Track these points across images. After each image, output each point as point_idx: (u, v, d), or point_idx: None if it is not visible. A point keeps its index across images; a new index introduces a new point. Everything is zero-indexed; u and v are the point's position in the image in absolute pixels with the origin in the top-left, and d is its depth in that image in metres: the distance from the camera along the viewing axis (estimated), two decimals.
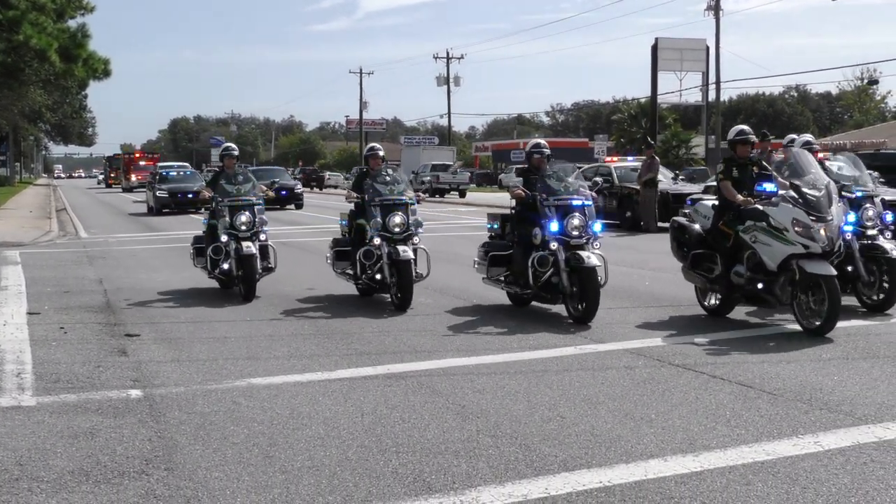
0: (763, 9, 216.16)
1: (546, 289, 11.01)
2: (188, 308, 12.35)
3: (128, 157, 78.02)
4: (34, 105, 71.26)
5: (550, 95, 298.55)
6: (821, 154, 12.88)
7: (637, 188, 25.86)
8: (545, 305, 11.63)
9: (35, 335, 10.32)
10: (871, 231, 11.57)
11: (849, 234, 10.93)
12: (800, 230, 9.80)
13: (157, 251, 21.11)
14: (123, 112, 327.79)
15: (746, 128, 11.36)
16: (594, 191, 11.72)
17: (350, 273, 12.83)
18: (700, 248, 11.18)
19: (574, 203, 11.03)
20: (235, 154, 14.16)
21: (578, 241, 10.86)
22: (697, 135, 65.45)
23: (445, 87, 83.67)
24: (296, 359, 9.06)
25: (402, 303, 11.77)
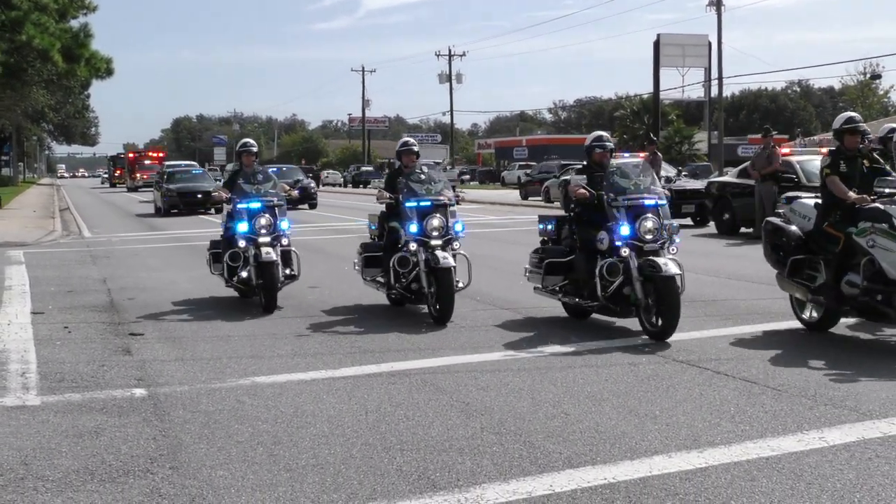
0: (765, 4, 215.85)
1: (615, 300, 9.79)
2: (192, 307, 12.36)
3: (132, 156, 77.42)
4: (37, 105, 71.31)
5: (553, 92, 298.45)
6: None
7: None
8: (610, 318, 10.38)
9: (39, 335, 10.33)
10: None
11: None
12: None
13: (161, 250, 21.13)
14: (126, 111, 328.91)
15: (856, 115, 10.03)
16: (667, 188, 10.40)
17: (381, 281, 11.71)
18: (800, 254, 9.79)
19: (647, 203, 9.86)
20: (254, 150, 12.89)
21: (653, 247, 9.67)
22: (700, 131, 65.45)
23: (448, 85, 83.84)
24: (300, 357, 9.07)
25: (442, 315, 10.57)
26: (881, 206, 8.94)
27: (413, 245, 10.78)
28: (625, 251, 9.60)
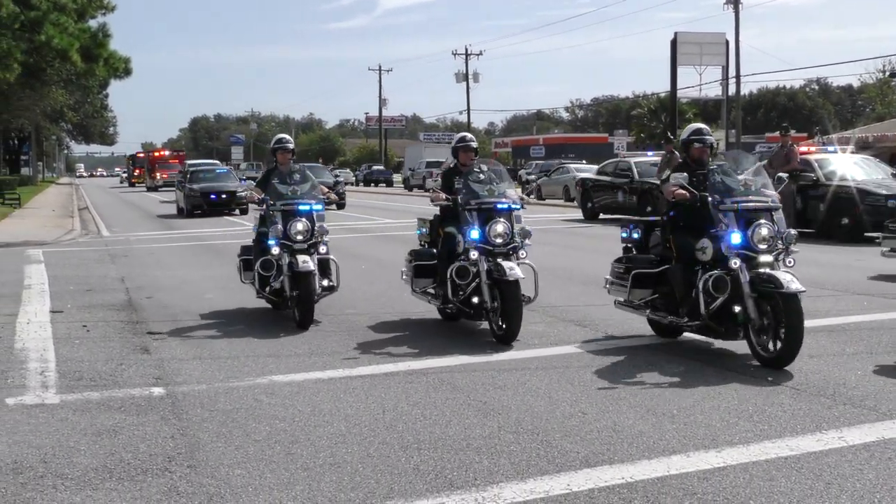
0: (783, 1, 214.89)
1: (719, 319, 8.46)
2: (210, 306, 12.38)
3: (153, 155, 77.84)
4: (56, 105, 71.87)
5: (569, 91, 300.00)
6: None
7: (657, 183, 25.75)
8: (707, 339, 9.11)
9: (58, 333, 10.38)
10: None
11: None
12: None
13: (180, 249, 21.20)
14: (144, 111, 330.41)
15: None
16: (780, 189, 9.12)
17: (433, 293, 10.54)
18: None
19: (759, 206, 8.59)
20: (290, 147, 11.71)
21: (766, 258, 8.38)
22: (717, 129, 65.11)
23: (464, 84, 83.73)
24: (317, 356, 9.07)
25: (508, 334, 9.35)
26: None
27: (474, 254, 9.53)
28: (735, 262, 8.28)
